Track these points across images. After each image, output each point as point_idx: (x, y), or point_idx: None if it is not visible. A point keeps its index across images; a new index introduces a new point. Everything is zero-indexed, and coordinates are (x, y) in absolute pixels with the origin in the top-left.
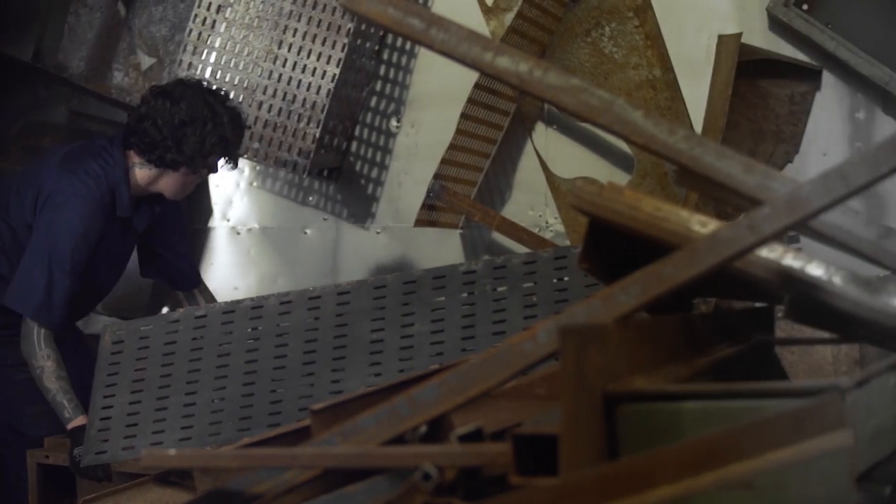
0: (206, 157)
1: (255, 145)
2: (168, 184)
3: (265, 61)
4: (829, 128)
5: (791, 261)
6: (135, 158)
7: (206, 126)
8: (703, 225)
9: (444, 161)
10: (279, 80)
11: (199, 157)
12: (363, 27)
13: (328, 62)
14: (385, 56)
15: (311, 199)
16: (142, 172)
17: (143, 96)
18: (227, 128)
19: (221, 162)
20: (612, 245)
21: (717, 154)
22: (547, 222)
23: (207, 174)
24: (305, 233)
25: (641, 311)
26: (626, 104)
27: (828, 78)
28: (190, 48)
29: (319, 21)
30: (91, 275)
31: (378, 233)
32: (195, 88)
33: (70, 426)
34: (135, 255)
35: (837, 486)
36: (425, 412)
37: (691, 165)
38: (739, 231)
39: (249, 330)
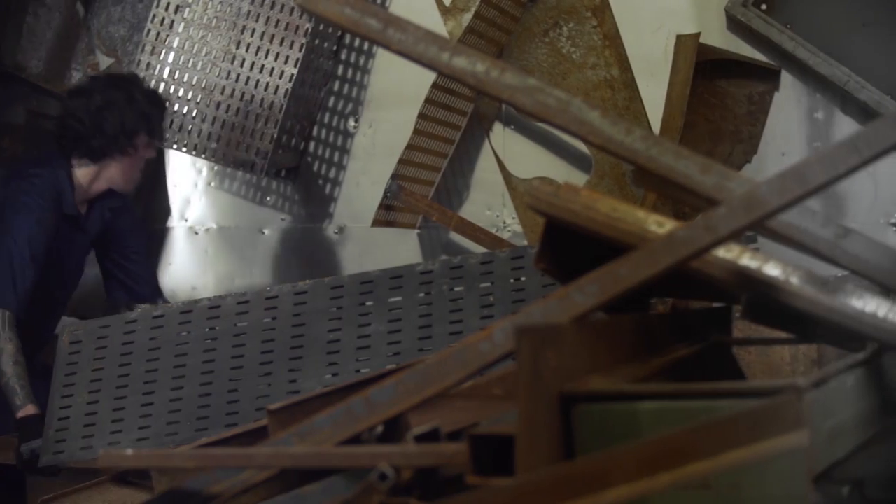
0: (131, 137)
1: (213, 145)
2: (110, 176)
3: (223, 61)
4: (788, 128)
5: (748, 261)
6: (73, 161)
7: (122, 106)
8: (659, 225)
9: (401, 161)
10: (237, 81)
11: (122, 137)
12: (321, 27)
13: (286, 62)
14: (343, 56)
15: (268, 199)
16: (82, 172)
17: (60, 101)
18: (143, 103)
19: (147, 139)
20: (568, 245)
21: (674, 154)
22: (504, 222)
23: (144, 156)
24: (263, 233)
25: (598, 310)
26: (583, 104)
27: (786, 78)
28: (148, 48)
29: (277, 21)
30: (49, 275)
31: (336, 233)
32: (104, 79)
33: (20, 414)
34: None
35: (794, 486)
36: (381, 412)
37: (648, 165)
38: (696, 231)
39: (207, 330)
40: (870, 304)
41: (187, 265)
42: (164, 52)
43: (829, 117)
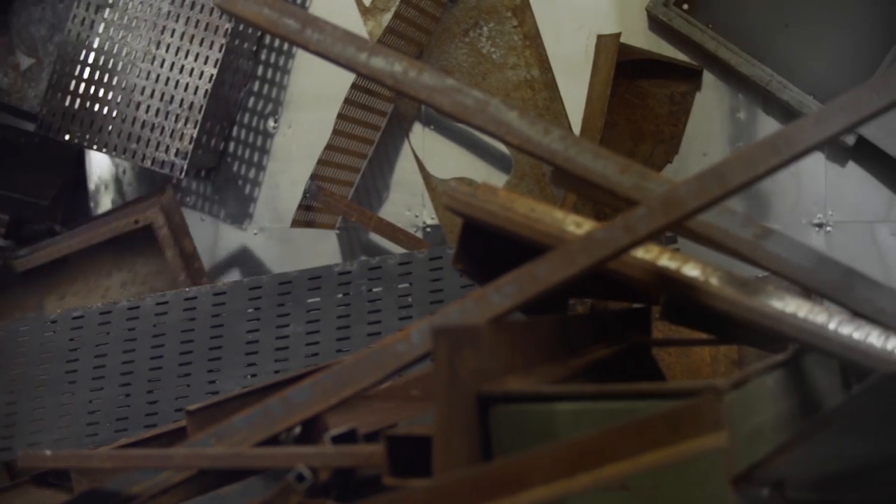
0: None
1: (133, 146)
2: None
3: (143, 62)
4: (710, 128)
5: (667, 261)
6: None
7: None
8: (577, 226)
9: (320, 161)
10: (157, 81)
11: None
12: (240, 28)
13: (206, 63)
14: (263, 56)
15: (188, 199)
16: None
17: None
18: None
19: None
20: (487, 246)
21: (593, 154)
22: (424, 223)
23: None
24: None
25: (516, 311)
26: (501, 104)
27: (708, 78)
28: (69, 50)
29: (197, 21)
30: None
31: (255, 233)
32: None
33: None
34: None
35: (714, 487)
36: (299, 413)
37: (566, 166)
38: (614, 232)
39: (126, 331)
40: (790, 305)
41: None
42: (84, 52)
43: (751, 117)
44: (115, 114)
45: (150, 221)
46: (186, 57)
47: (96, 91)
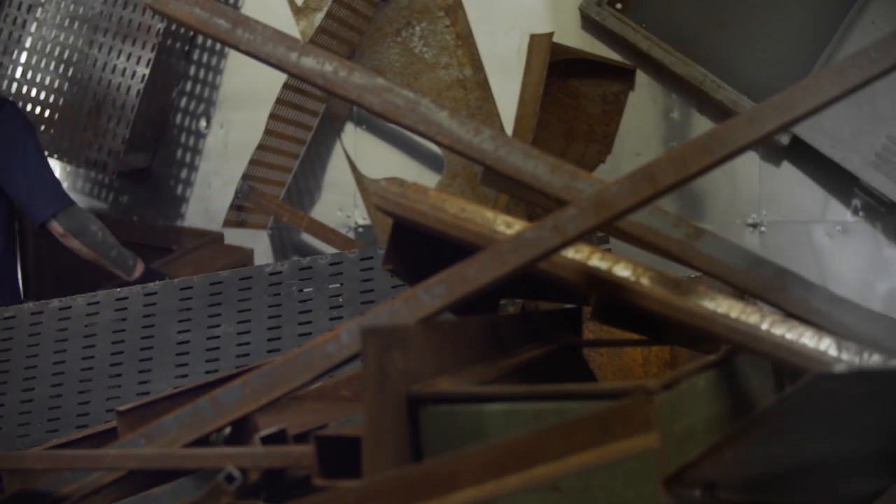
0: None
1: (65, 145)
2: None
3: (76, 61)
4: (643, 128)
5: (597, 262)
6: None
7: None
8: (508, 226)
9: (252, 162)
10: (89, 81)
11: None
12: (173, 27)
13: (138, 62)
14: (195, 56)
15: (121, 199)
16: None
17: None
18: None
19: None
20: (417, 246)
21: (523, 154)
22: (356, 223)
23: None
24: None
25: (446, 311)
26: (432, 104)
27: (642, 77)
28: (0, 48)
29: (130, 21)
30: None
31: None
32: None
33: (139, 272)
34: None
35: (645, 488)
36: (229, 413)
37: (497, 166)
38: (544, 232)
39: (57, 331)
40: (722, 306)
41: None
42: (16, 51)
43: (685, 117)
44: (47, 113)
45: None
46: (119, 56)
47: (28, 91)
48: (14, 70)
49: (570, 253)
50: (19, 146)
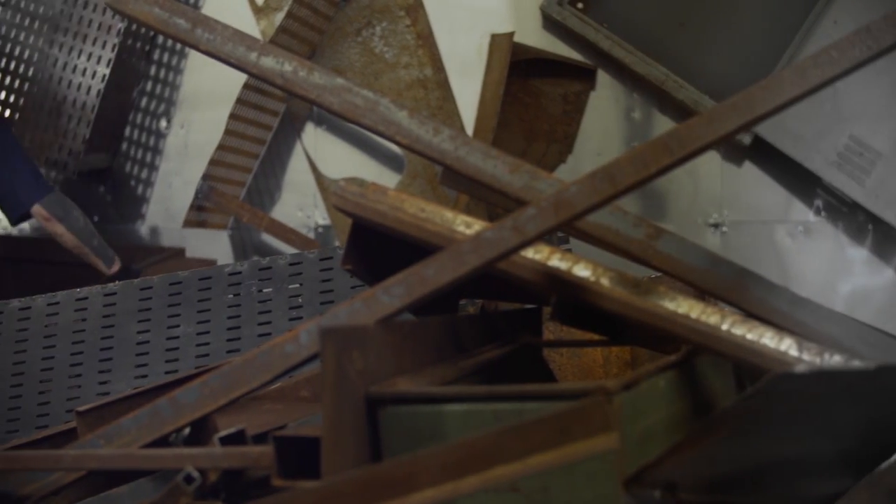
0: None
1: (26, 145)
2: None
3: (36, 61)
4: (604, 127)
5: (557, 262)
6: None
7: None
8: (467, 226)
9: (212, 162)
10: (50, 81)
11: None
12: (133, 27)
13: (98, 62)
14: (156, 56)
15: (81, 200)
16: None
17: None
18: None
19: None
20: (377, 246)
21: (483, 154)
22: (316, 223)
23: None
24: None
25: (405, 312)
26: (391, 104)
27: (603, 77)
28: None
29: (90, 21)
30: None
31: (148, 234)
32: None
33: (117, 267)
34: None
35: (604, 488)
36: (188, 414)
37: (456, 166)
38: (504, 232)
39: (17, 331)
40: (682, 306)
41: None
42: None
43: (646, 117)
44: (7, 113)
45: None
46: (79, 56)
47: None
48: None
49: (530, 253)
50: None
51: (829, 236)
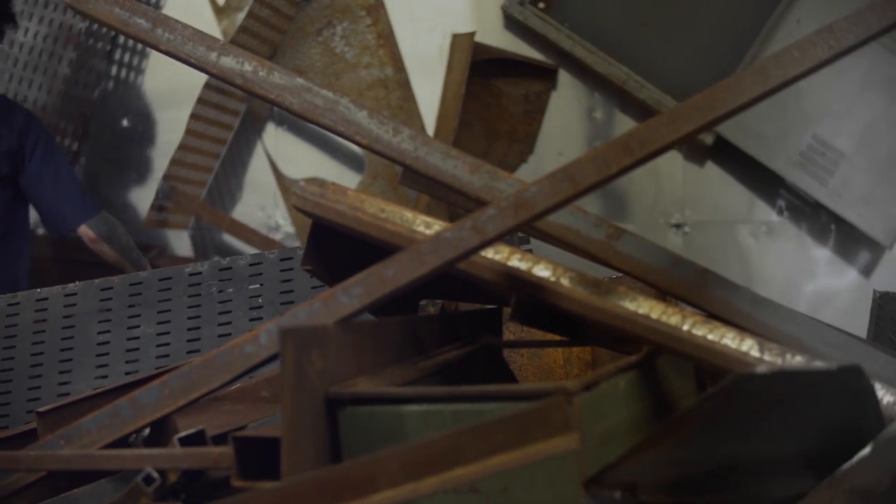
0: None
1: None
2: None
3: None
4: (566, 127)
5: (517, 262)
6: None
7: None
8: (427, 226)
9: (173, 162)
10: (10, 81)
11: None
12: (94, 27)
13: (60, 62)
14: (117, 56)
15: None
16: None
17: None
18: None
19: None
20: (337, 246)
21: (443, 154)
22: (277, 223)
23: None
24: (36, 233)
25: (365, 312)
26: (351, 104)
27: (564, 77)
28: None
29: (51, 20)
30: None
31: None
32: None
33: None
34: None
35: (564, 489)
36: (148, 414)
37: (416, 166)
38: (463, 232)
39: None
40: (643, 306)
41: None
42: None
43: (608, 116)
44: None
45: None
46: (41, 56)
47: None
48: None
49: (490, 253)
50: (48, 156)
51: (792, 237)
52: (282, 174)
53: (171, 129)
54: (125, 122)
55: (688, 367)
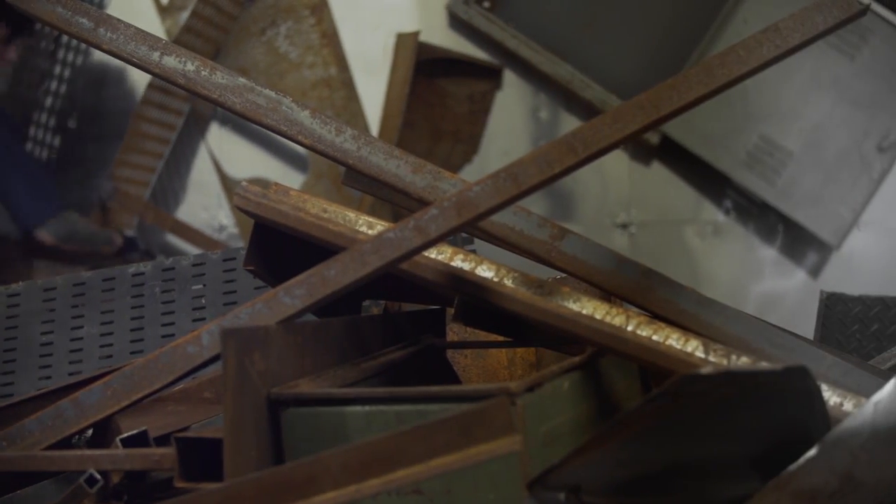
0: None
1: None
2: None
3: None
4: (511, 127)
5: (460, 262)
6: None
7: None
8: (369, 226)
9: (117, 162)
10: None
11: None
12: (37, 26)
13: (2, 61)
14: (60, 55)
15: None
16: None
17: None
18: None
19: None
20: (280, 247)
21: (386, 154)
22: (221, 223)
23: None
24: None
25: (308, 313)
26: (294, 104)
27: (509, 77)
28: None
29: None
30: None
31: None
32: None
33: (119, 242)
34: None
35: (508, 491)
36: (90, 415)
37: (358, 166)
38: (406, 232)
39: None
40: (587, 307)
41: None
42: None
43: (553, 116)
44: None
45: None
46: None
47: None
48: None
49: (433, 253)
50: (14, 148)
51: (739, 237)
52: (225, 174)
53: (114, 129)
54: (69, 123)
55: (633, 368)
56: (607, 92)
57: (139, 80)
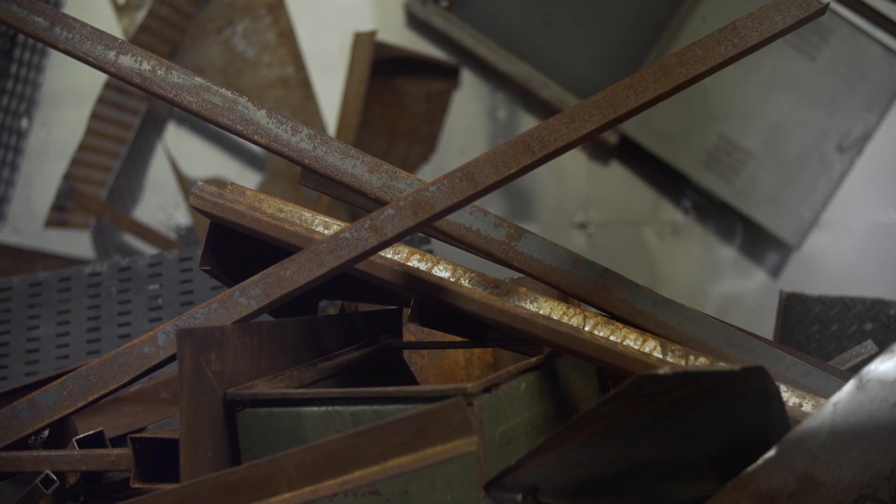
0: None
1: None
2: None
3: None
4: (469, 126)
5: (417, 262)
6: None
7: None
8: (325, 226)
9: (74, 161)
10: None
11: None
12: None
13: None
14: (16, 54)
15: None
16: None
17: None
18: None
19: None
20: (237, 247)
21: (342, 154)
22: (177, 223)
23: None
24: None
25: (264, 313)
26: (250, 103)
27: (467, 76)
28: None
29: None
30: None
31: (10, 234)
32: None
33: None
34: None
35: (464, 492)
36: (46, 416)
37: (314, 166)
38: (362, 232)
39: None
40: (544, 307)
41: None
42: None
43: (511, 115)
44: None
45: None
46: None
47: None
48: None
49: (389, 253)
50: None
51: (698, 237)
52: (182, 174)
53: (71, 128)
54: (24, 121)
55: (590, 369)
56: (566, 91)
57: (95, 81)
